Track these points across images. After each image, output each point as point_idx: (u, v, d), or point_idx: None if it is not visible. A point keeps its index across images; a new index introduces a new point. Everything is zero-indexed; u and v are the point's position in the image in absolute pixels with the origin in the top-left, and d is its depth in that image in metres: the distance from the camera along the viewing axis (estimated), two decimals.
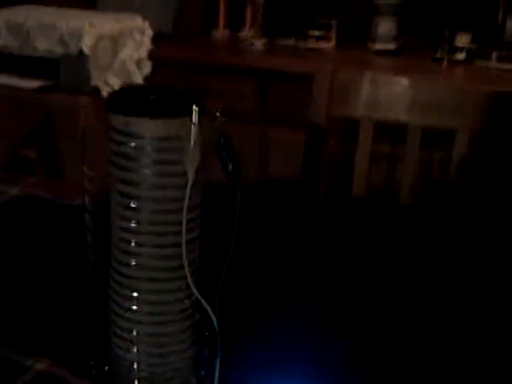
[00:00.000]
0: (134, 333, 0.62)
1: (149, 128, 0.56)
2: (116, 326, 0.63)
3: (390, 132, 1.38)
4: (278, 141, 2.16)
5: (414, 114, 1.24)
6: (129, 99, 0.58)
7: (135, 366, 0.63)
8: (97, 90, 1.91)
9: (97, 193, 0.63)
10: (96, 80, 1.92)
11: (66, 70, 1.91)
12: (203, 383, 0.65)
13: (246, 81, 2.21)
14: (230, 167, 0.59)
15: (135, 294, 0.60)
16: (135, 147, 0.57)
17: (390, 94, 1.24)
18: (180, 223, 0.58)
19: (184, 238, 0.58)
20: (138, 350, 0.62)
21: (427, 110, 1.23)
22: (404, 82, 1.24)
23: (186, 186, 0.57)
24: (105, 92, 1.95)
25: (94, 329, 0.67)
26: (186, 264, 0.59)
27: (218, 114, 0.58)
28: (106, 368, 0.66)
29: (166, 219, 0.59)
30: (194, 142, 0.56)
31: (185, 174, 0.57)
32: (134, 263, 0.59)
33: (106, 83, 1.97)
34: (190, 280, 0.60)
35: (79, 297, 0.70)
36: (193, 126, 0.56)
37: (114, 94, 0.59)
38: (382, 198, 1.35)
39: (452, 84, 1.54)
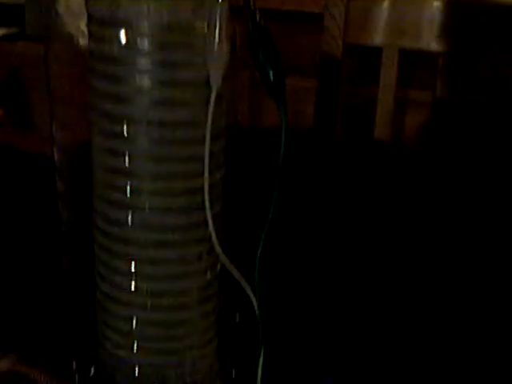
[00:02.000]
0: (134, 322, 0.42)
1: (146, 10, 0.36)
2: (107, 314, 0.43)
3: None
4: None
5: (448, 41, 1.04)
6: None
7: (136, 369, 0.44)
8: (69, 38, 1.73)
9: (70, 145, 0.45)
10: (68, 26, 1.74)
11: (33, 16, 1.73)
12: None
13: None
14: (271, 74, 0.39)
15: (133, 267, 0.41)
16: (125, 43, 0.37)
17: (418, 16, 1.04)
18: (197, 159, 0.38)
19: (207, 178, 0.38)
20: (138, 346, 0.43)
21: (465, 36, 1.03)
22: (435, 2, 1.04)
23: (207, 102, 0.38)
24: (79, 40, 1.78)
25: (74, 318, 0.48)
26: (209, 219, 0.39)
27: None
28: (93, 371, 0.47)
29: (176, 152, 0.39)
30: (221, 29, 0.36)
31: (206, 82, 0.37)
32: (129, 221, 0.40)
33: (80, 31, 1.80)
34: (215, 242, 0.40)
35: (53, 276, 0.51)
36: (219, 5, 0.36)
37: None
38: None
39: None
